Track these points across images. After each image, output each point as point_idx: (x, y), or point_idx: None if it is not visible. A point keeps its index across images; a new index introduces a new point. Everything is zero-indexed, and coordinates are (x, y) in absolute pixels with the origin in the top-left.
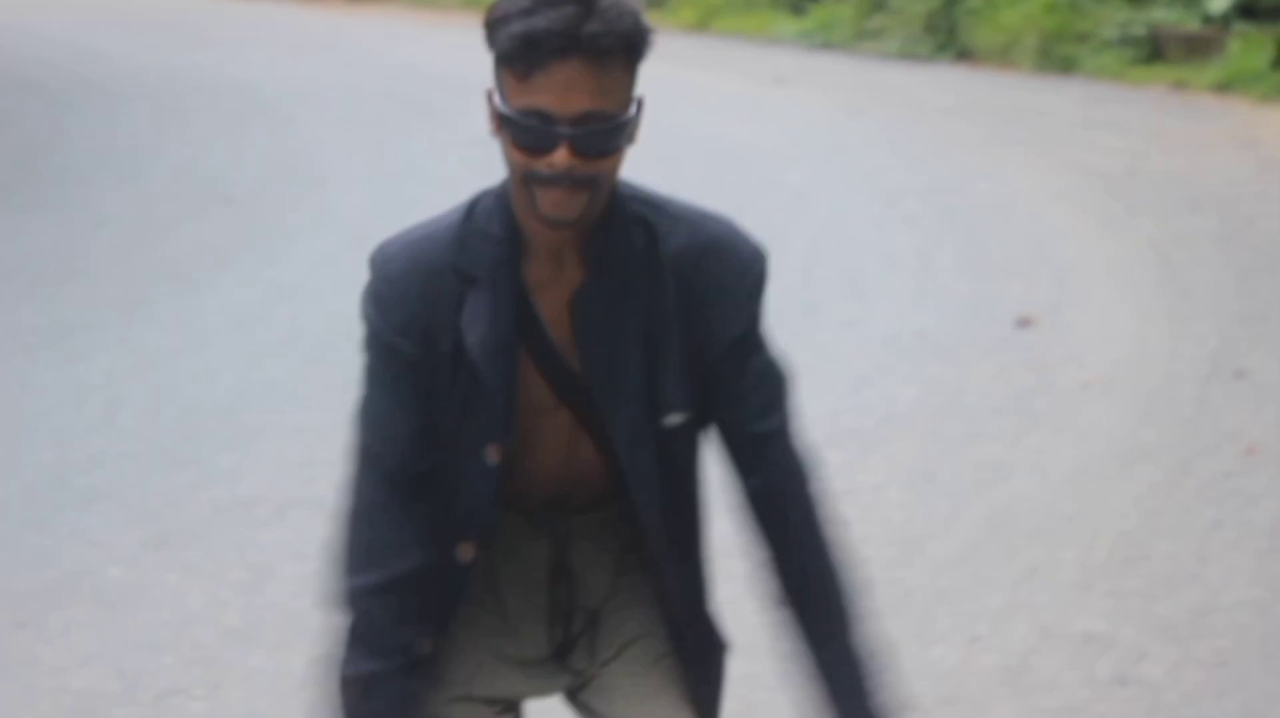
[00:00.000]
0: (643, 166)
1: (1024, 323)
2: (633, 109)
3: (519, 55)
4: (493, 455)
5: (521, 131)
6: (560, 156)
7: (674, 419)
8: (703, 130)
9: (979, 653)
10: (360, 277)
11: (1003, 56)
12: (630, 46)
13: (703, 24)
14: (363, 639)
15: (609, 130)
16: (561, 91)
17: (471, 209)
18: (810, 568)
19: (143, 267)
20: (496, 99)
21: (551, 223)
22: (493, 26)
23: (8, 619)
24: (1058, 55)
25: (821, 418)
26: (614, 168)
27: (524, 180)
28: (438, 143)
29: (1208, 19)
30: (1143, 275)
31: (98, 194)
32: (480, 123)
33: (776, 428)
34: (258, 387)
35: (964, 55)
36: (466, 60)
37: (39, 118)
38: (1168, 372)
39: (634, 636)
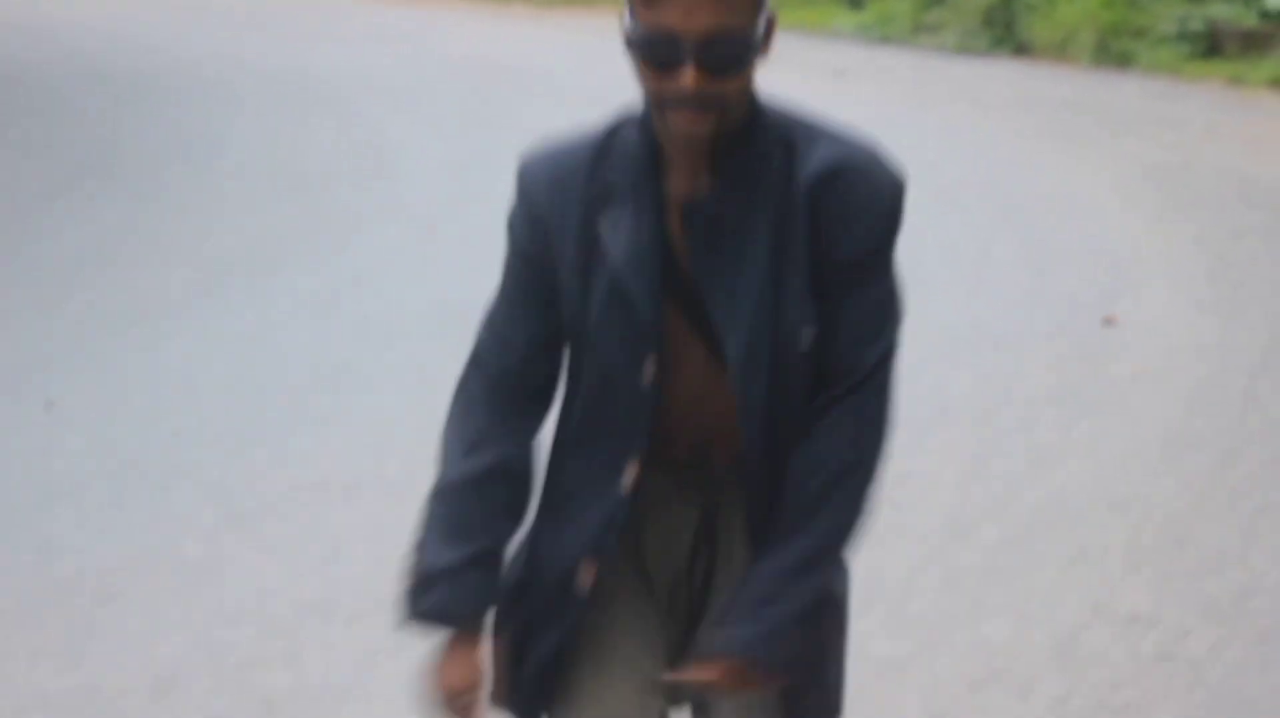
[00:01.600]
0: None
1: (1109, 322)
2: (761, 25)
3: None
4: (648, 369)
5: (649, 50)
6: (688, 76)
7: (806, 338)
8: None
9: (1029, 629)
10: (428, 264)
11: (1060, 51)
12: None
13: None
14: (447, 528)
15: (735, 48)
16: (687, 9)
17: (614, 126)
18: (825, 499)
19: (215, 252)
20: (627, 19)
21: (684, 143)
22: None
23: (95, 592)
24: (1115, 50)
25: None
26: (742, 88)
27: (657, 104)
28: (501, 133)
29: (1265, 15)
30: (1195, 268)
31: (168, 182)
32: (542, 112)
33: (872, 364)
34: (329, 371)
35: (1021, 50)
36: (527, 52)
37: (110, 109)
38: (1218, 362)
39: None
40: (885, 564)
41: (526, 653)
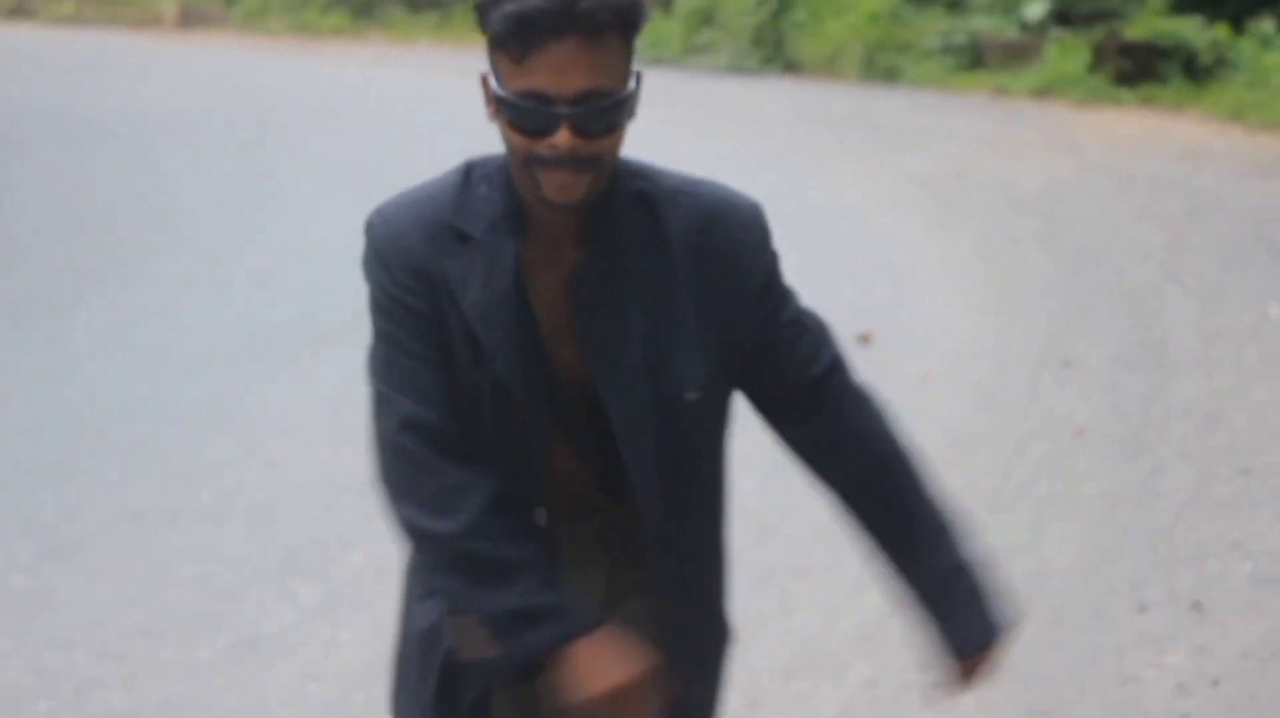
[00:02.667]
0: None
1: (864, 339)
2: (631, 83)
3: (513, 36)
4: (528, 415)
5: (520, 115)
6: (561, 138)
7: (690, 395)
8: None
9: (836, 620)
10: (219, 295)
11: (829, 68)
12: (626, 21)
13: None
14: (482, 576)
15: (609, 108)
16: (558, 72)
17: (468, 174)
18: (905, 488)
19: (4, 293)
20: (493, 83)
21: (556, 206)
22: (485, 8)
23: None
24: (882, 65)
25: None
26: (616, 146)
27: (525, 163)
28: (283, 163)
29: (1025, 26)
30: (973, 274)
31: None
32: (325, 143)
33: (833, 363)
34: (133, 404)
35: (791, 67)
36: (302, 83)
37: None
38: (1000, 363)
39: None
40: None
41: (459, 687)
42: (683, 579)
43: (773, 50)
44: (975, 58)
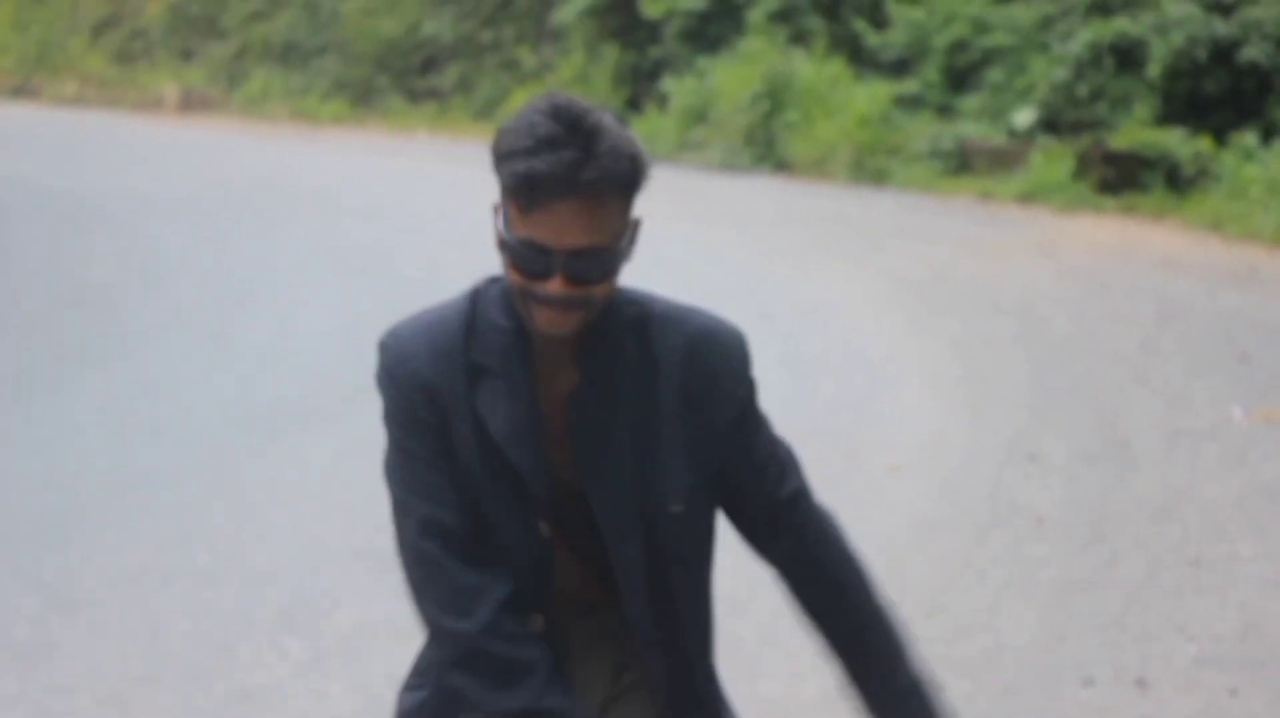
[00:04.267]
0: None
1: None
2: (626, 237)
3: (520, 191)
4: (544, 531)
5: (520, 258)
6: (555, 285)
7: (675, 508)
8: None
9: (799, 685)
10: (214, 371)
11: (819, 168)
12: (626, 186)
13: None
14: (496, 676)
15: (602, 260)
16: (558, 228)
17: (476, 298)
18: (862, 612)
19: (6, 364)
20: (500, 222)
21: (546, 337)
22: (498, 159)
23: None
24: (871, 167)
25: None
26: (607, 291)
27: (521, 297)
28: (277, 246)
29: (1012, 133)
30: (947, 371)
31: None
32: (321, 228)
33: (797, 490)
34: (131, 473)
35: (782, 167)
36: (297, 168)
37: None
38: (967, 455)
39: None
40: None
41: None
42: (671, 673)
43: (764, 149)
44: (962, 163)
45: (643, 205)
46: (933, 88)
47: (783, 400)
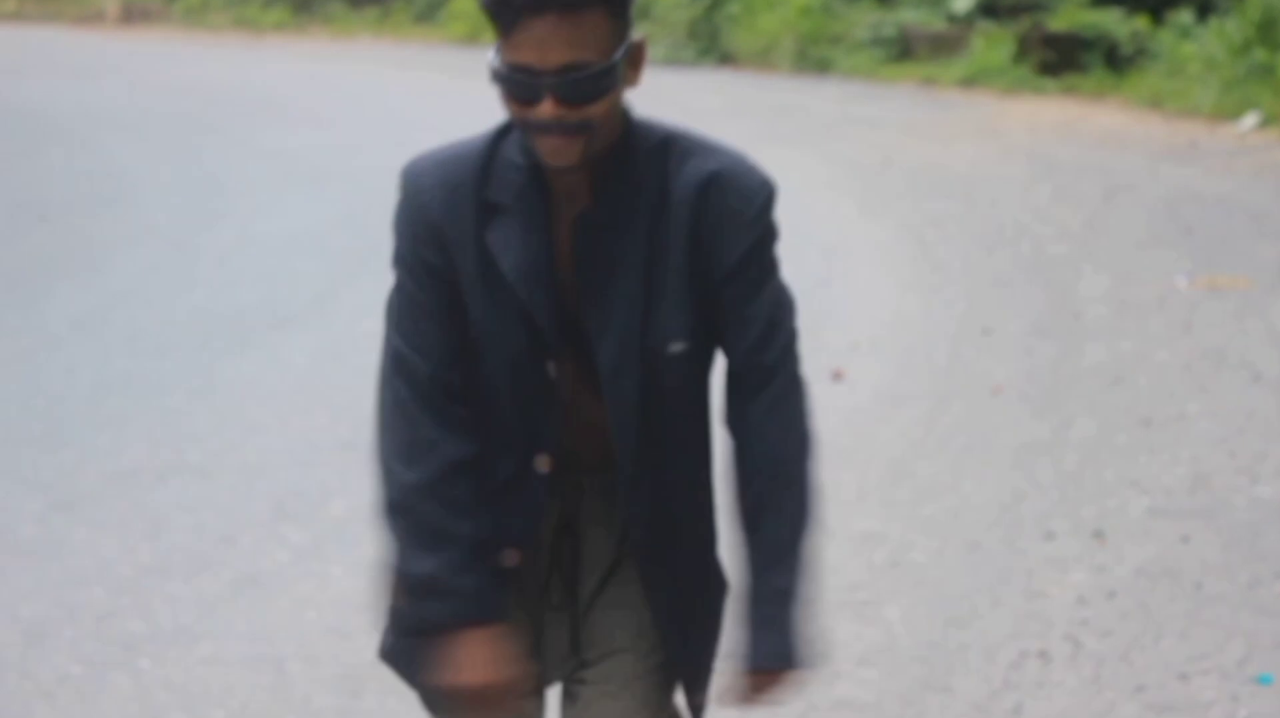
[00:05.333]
0: None
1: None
2: (619, 54)
3: (497, 13)
4: (552, 370)
5: (509, 85)
6: (546, 107)
7: (675, 348)
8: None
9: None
10: (184, 279)
11: (763, 59)
12: None
13: (472, 37)
14: (418, 536)
15: (591, 79)
16: (539, 46)
17: (498, 137)
18: (774, 497)
19: None
20: (491, 55)
21: (553, 169)
22: None
23: None
24: (814, 57)
25: None
26: (605, 112)
27: (523, 129)
28: (232, 155)
29: (953, 18)
30: (900, 252)
31: None
32: (272, 135)
33: (777, 358)
34: (114, 379)
35: (726, 59)
36: (243, 78)
37: None
38: (924, 331)
39: (617, 647)
40: None
41: (420, 621)
42: (656, 522)
43: (708, 43)
44: (904, 49)
45: None
46: None
47: None
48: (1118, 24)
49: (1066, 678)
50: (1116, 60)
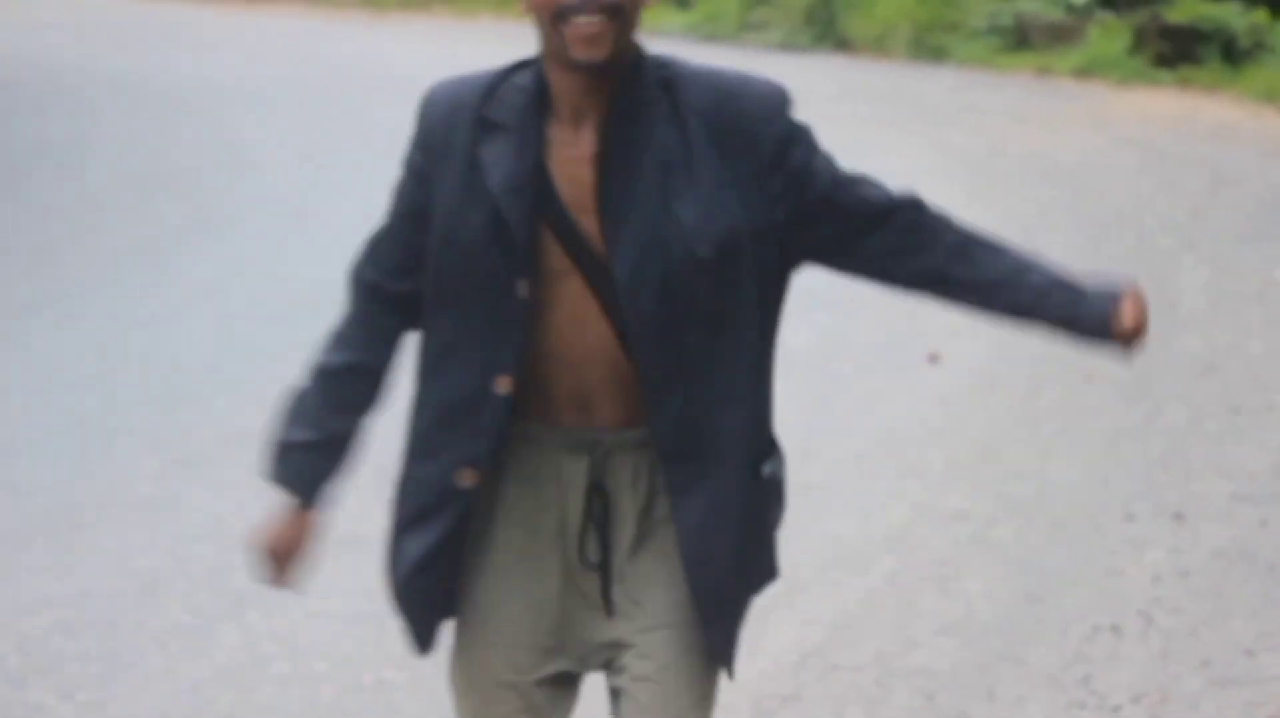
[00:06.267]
0: None
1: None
2: None
3: None
4: (521, 290)
5: None
6: None
7: (704, 253)
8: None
9: (866, 526)
10: (303, 250)
11: (879, 46)
12: None
13: None
14: (295, 410)
15: None
16: None
17: (509, 70)
18: (976, 247)
19: (101, 248)
20: None
21: (584, 65)
22: None
23: (69, 523)
24: (930, 44)
25: None
26: (636, 2)
27: (554, 21)
28: (355, 130)
29: (1070, 8)
30: (1005, 239)
31: (41, 184)
32: (392, 112)
33: (887, 199)
34: (234, 345)
35: (842, 45)
36: (367, 53)
37: None
38: None
39: (653, 623)
40: None
41: (399, 555)
42: (684, 438)
43: (824, 28)
44: (1021, 38)
45: None
46: None
47: None
48: (1236, 17)
49: (1136, 652)
50: (1234, 53)
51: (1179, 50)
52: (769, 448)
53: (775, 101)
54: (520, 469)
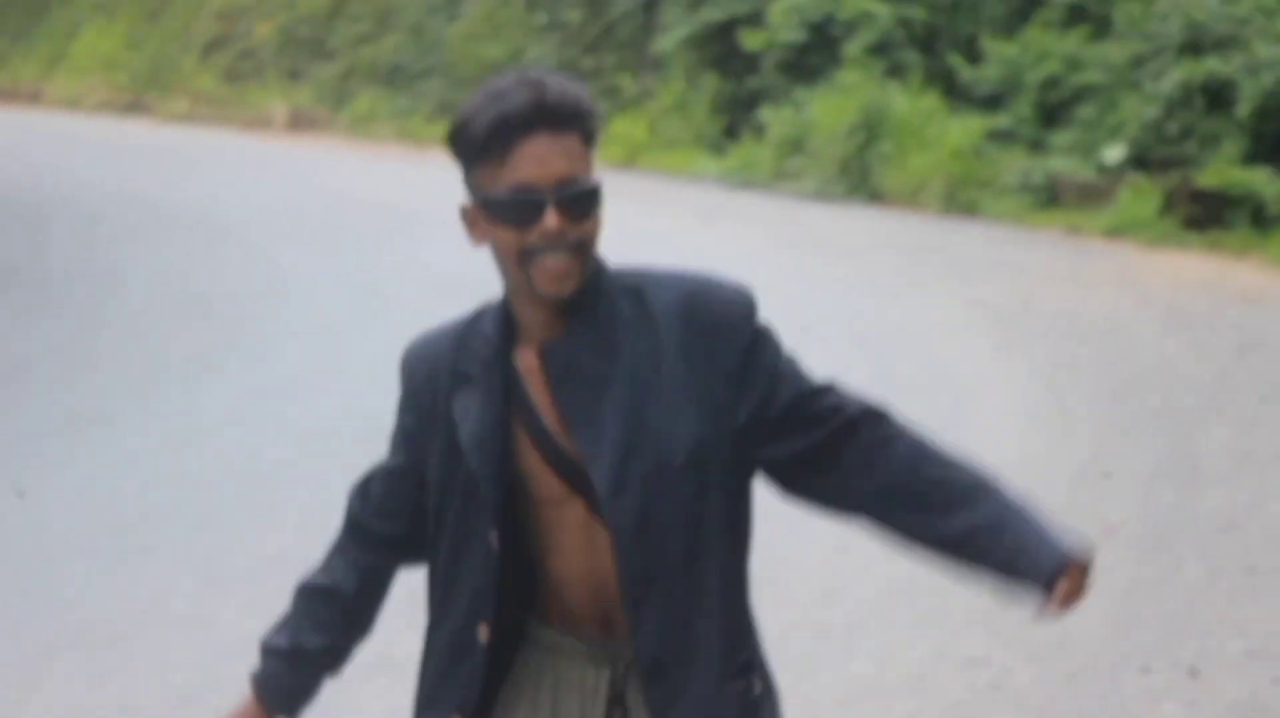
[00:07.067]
0: None
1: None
2: (596, 178)
3: (494, 138)
4: (493, 540)
5: (510, 209)
6: (550, 220)
7: (679, 462)
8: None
9: (887, 668)
10: (338, 376)
11: (912, 199)
12: (583, 119)
13: (629, 161)
14: (282, 619)
15: (588, 192)
16: (539, 162)
17: (476, 316)
18: (935, 465)
19: (140, 367)
20: (474, 195)
21: (551, 301)
22: (460, 131)
23: (107, 636)
24: (963, 199)
25: None
26: (597, 230)
27: (520, 261)
28: (387, 263)
29: (1102, 169)
30: (1030, 394)
31: (80, 304)
32: (429, 250)
33: (849, 418)
34: (266, 467)
35: (876, 197)
36: (403, 189)
37: (16, 233)
38: (1045, 471)
39: None
40: (765, 620)
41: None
42: (664, 648)
43: (859, 180)
44: (1052, 196)
45: (740, 231)
46: (1025, 123)
47: None
48: (1266, 183)
49: None
50: (1263, 219)
51: (1209, 214)
52: (751, 665)
53: (742, 306)
54: (546, 678)
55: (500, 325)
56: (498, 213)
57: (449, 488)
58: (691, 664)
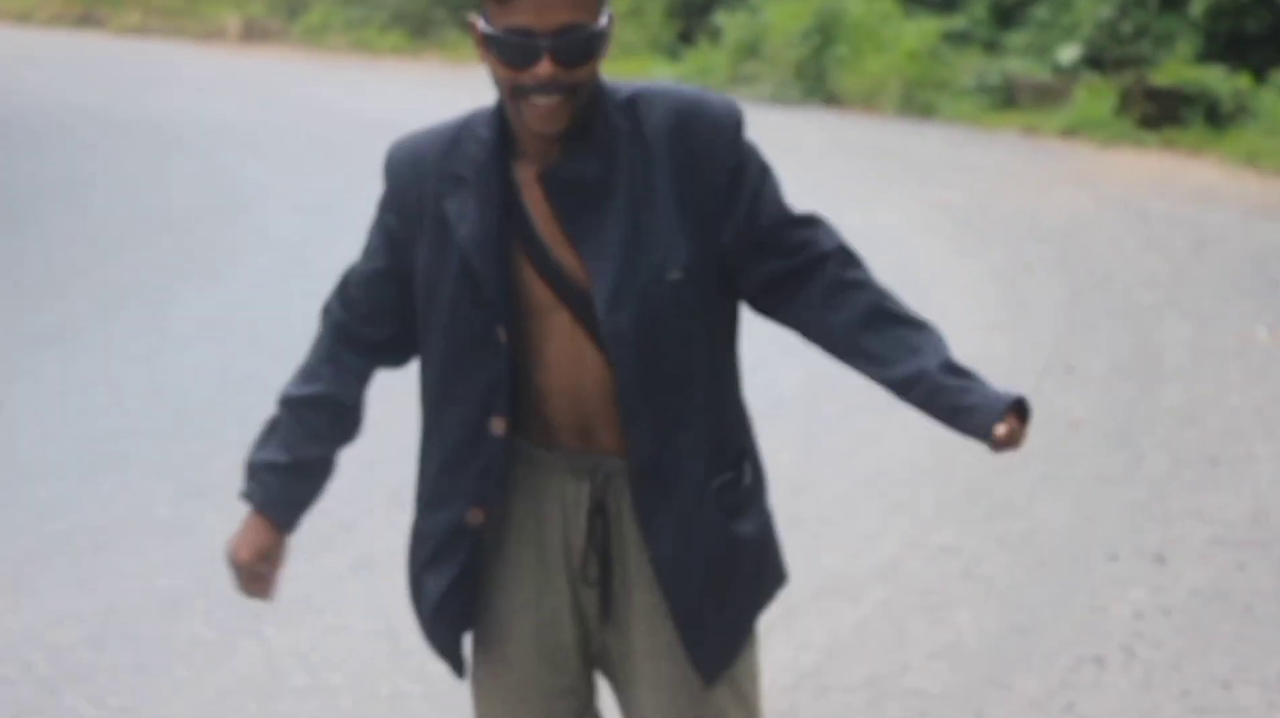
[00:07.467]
0: None
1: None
2: (604, 19)
3: None
4: (500, 336)
5: (506, 48)
6: (543, 68)
7: (673, 275)
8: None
9: (858, 559)
10: (303, 291)
11: (868, 102)
12: None
13: None
14: (267, 435)
15: (586, 39)
16: (538, 8)
17: (465, 120)
18: (888, 319)
19: (105, 283)
20: (481, 23)
21: (541, 136)
22: None
23: (90, 544)
24: (919, 101)
25: None
26: (592, 74)
27: (512, 94)
28: (347, 174)
29: (1057, 69)
30: (991, 294)
31: (42, 221)
32: (380, 156)
33: (824, 252)
34: (239, 378)
35: (832, 100)
36: (359, 99)
37: None
38: (1010, 367)
39: (647, 649)
40: None
41: (422, 593)
42: (660, 453)
43: (814, 83)
44: (1008, 97)
45: None
46: (980, 24)
47: None
48: (1220, 81)
49: (1119, 682)
50: (1217, 117)
51: (1163, 112)
52: (743, 453)
53: (730, 127)
54: (527, 490)
55: (495, 131)
56: (495, 50)
57: (439, 287)
58: (679, 470)
